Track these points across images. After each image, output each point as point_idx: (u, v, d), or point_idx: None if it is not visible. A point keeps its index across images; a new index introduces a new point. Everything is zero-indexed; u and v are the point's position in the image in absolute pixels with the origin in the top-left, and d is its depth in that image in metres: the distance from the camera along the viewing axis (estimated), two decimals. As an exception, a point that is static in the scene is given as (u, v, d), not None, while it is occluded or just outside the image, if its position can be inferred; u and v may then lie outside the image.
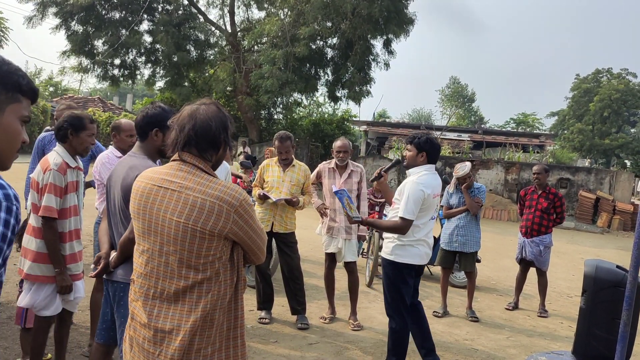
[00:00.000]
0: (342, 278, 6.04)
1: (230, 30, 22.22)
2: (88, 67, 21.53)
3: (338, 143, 5.14)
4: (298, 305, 5.01)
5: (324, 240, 5.20)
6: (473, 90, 58.42)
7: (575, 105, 44.44)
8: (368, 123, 28.94)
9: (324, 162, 5.32)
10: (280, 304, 5.34)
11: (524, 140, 26.09)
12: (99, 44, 21.40)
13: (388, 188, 4.34)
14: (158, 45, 21.57)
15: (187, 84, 22.59)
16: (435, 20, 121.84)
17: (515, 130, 41.47)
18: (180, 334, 1.82)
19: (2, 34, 26.58)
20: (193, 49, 21.95)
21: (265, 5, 21.48)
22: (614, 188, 18.07)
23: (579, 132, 41.41)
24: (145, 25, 22.19)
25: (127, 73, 22.74)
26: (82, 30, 20.90)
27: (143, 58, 22.65)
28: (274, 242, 5.05)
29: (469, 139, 25.75)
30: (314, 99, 25.31)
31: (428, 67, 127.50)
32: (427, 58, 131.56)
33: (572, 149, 38.34)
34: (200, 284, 1.85)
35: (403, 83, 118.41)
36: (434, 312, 5.76)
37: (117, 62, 22.14)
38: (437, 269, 7.03)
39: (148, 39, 22.14)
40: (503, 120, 74.35)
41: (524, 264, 6.34)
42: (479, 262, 6.62)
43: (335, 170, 5.14)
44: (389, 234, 3.97)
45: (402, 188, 3.85)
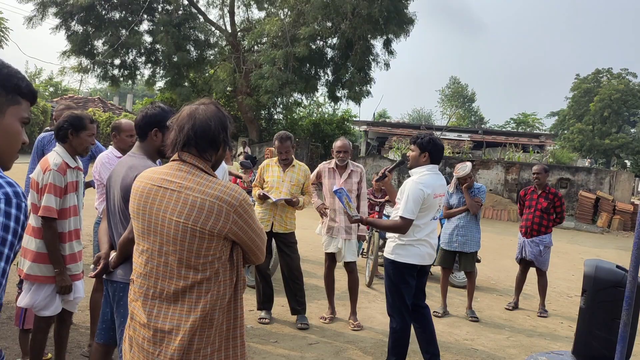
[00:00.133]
0: (342, 278, 6.04)
1: (230, 30, 22.23)
2: (88, 67, 21.54)
3: (338, 143, 5.15)
4: (298, 306, 5.01)
5: (324, 240, 5.20)
6: (473, 90, 58.44)
7: (575, 105, 44.42)
8: (368, 123, 28.95)
9: (324, 162, 5.32)
10: (280, 304, 5.34)
11: (524, 140, 26.08)
12: (99, 44, 21.42)
13: (392, 188, 4.35)
14: (158, 46, 21.59)
15: (187, 84, 22.59)
16: (435, 20, 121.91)
17: (515, 130, 41.52)
18: (180, 334, 1.82)
19: (2, 34, 26.56)
20: (193, 49, 21.96)
21: (265, 5, 21.50)
22: (614, 188, 18.06)
23: (579, 132, 41.40)
24: (145, 25, 22.26)
25: (127, 73, 22.75)
26: (82, 31, 20.90)
27: (143, 58, 22.66)
28: (274, 242, 5.05)
29: (469, 139, 25.76)
30: (314, 99, 25.32)
31: (428, 67, 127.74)
32: (427, 58, 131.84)
33: (572, 149, 38.26)
34: (200, 284, 1.85)
35: (403, 83, 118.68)
36: (434, 312, 5.75)
37: (117, 62, 22.16)
38: (437, 269, 7.02)
39: (148, 39, 22.17)
40: (503, 120, 74.48)
41: (524, 264, 6.34)
42: (479, 262, 6.63)
43: (335, 170, 5.14)
44: (392, 234, 3.98)
45: (403, 188, 3.87)
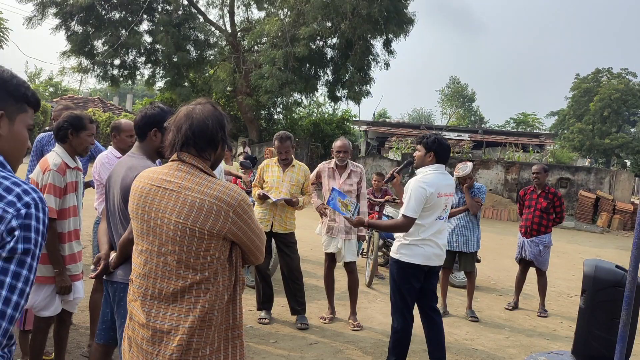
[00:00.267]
0: (342, 278, 6.04)
1: (230, 31, 22.23)
2: (88, 67, 21.55)
3: (338, 143, 5.15)
4: (298, 306, 5.01)
5: (324, 240, 5.20)
6: (473, 90, 58.36)
7: (575, 105, 44.38)
8: (368, 123, 28.98)
9: (324, 162, 5.32)
10: (280, 304, 5.34)
11: (524, 140, 26.11)
12: (99, 44, 21.42)
13: (401, 188, 4.36)
14: (158, 46, 21.60)
15: (187, 84, 22.60)
16: (435, 20, 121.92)
17: (515, 130, 41.53)
18: (179, 334, 1.82)
19: (1, 35, 26.56)
20: (193, 49, 21.96)
21: (265, 5, 21.49)
22: (614, 188, 18.06)
23: (579, 131, 41.36)
24: (145, 26, 22.26)
25: (127, 73, 22.76)
26: (82, 31, 20.91)
27: (143, 58, 22.67)
28: (274, 242, 5.05)
29: (469, 139, 25.78)
30: (314, 99, 25.34)
31: (428, 67, 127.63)
32: (427, 58, 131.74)
33: (572, 149, 38.26)
34: (199, 285, 1.85)
35: (403, 83, 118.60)
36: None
37: (117, 62, 22.17)
38: (437, 269, 7.02)
39: (148, 39, 22.17)
40: (503, 120, 74.33)
41: (524, 264, 6.34)
42: (479, 262, 6.62)
43: (335, 170, 5.14)
44: (399, 234, 3.99)
45: (407, 187, 3.89)
